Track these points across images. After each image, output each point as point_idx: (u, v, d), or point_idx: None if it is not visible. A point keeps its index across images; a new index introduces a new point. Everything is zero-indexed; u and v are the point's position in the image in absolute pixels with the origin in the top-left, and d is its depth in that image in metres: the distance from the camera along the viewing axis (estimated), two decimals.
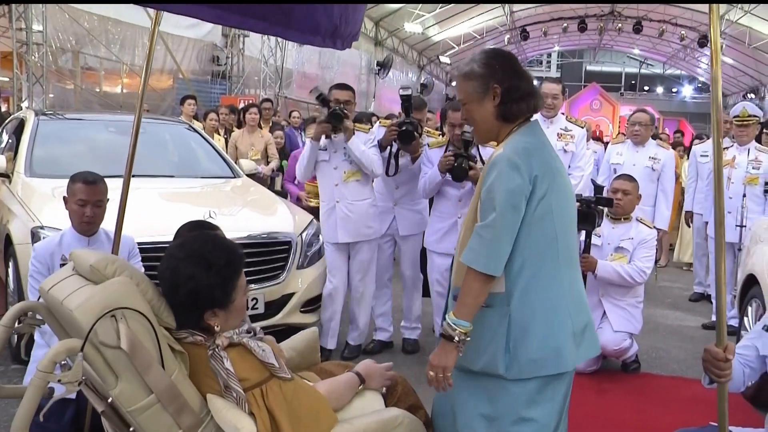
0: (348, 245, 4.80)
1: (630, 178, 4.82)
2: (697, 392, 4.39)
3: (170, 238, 4.18)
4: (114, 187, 4.93)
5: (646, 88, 35.51)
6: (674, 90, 35.38)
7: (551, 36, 26.08)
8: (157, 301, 1.99)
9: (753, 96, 25.35)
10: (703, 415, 4.26)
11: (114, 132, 6.04)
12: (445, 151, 4.57)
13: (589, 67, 35.84)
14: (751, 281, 4.66)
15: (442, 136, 5.11)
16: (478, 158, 4.51)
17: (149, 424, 1.85)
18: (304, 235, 4.84)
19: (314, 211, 5.54)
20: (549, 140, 2.42)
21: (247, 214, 5.14)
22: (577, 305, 2.32)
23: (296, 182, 6.57)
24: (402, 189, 4.99)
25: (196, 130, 6.75)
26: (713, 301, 6.28)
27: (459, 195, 4.56)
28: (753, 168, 5.82)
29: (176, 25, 11.73)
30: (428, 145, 4.77)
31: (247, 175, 6.08)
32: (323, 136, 4.62)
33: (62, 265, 2.98)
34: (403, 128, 4.64)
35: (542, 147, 2.29)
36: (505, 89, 2.28)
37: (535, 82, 2.54)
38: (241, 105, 10.88)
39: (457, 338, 2.18)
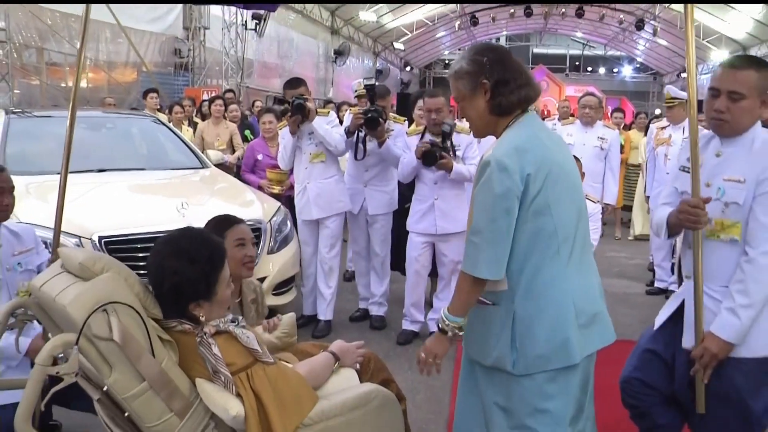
0: (317, 221, 5.07)
1: (575, 159, 4.95)
2: None
3: (145, 230, 4.24)
4: (85, 181, 4.94)
5: (590, 68, 35.90)
6: (615, 70, 35.86)
7: (499, 21, 26.19)
8: (144, 295, 2.02)
9: (686, 75, 25.82)
10: None
11: (84, 128, 5.93)
12: (422, 136, 4.72)
13: (536, 50, 36.06)
14: None
15: (407, 122, 5.26)
16: (452, 149, 4.63)
17: (143, 409, 1.89)
18: (272, 221, 4.87)
19: (277, 199, 5.61)
20: (548, 131, 2.32)
21: (217, 203, 5.13)
22: (584, 296, 2.23)
23: (252, 171, 6.57)
24: (371, 171, 5.14)
25: (163, 123, 6.68)
26: (655, 267, 6.51)
27: (435, 178, 4.70)
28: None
29: (139, 19, 11.54)
30: (407, 133, 4.93)
31: (215, 165, 6.07)
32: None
33: None
34: (369, 115, 4.78)
35: (537, 140, 2.17)
36: (494, 83, 2.18)
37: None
38: (205, 96, 10.79)
39: (450, 333, 2.19)
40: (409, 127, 5.15)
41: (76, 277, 1.98)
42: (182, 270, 2.03)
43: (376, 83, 5.08)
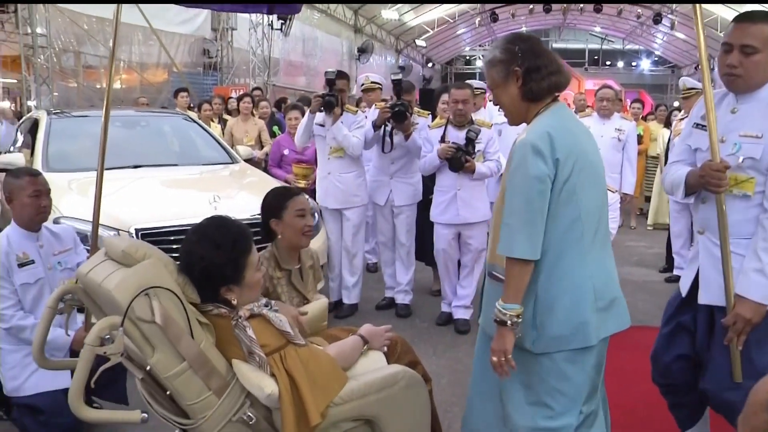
0: (339, 211, 5.16)
1: None
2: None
3: (179, 222, 4.32)
4: (121, 177, 5.04)
5: (608, 62, 35.56)
6: (633, 64, 35.45)
7: (519, 17, 26.03)
8: (182, 280, 2.08)
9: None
10: None
11: (119, 126, 6.05)
12: (445, 130, 4.75)
13: (555, 45, 35.73)
14: None
15: (431, 116, 5.30)
16: (474, 151, 4.66)
17: (183, 388, 1.95)
18: None
19: (304, 192, 5.68)
20: (576, 120, 2.35)
21: (247, 196, 5.20)
22: (604, 281, 2.25)
23: (279, 166, 6.65)
24: (397, 164, 5.18)
25: (194, 120, 6.77)
26: (674, 255, 6.47)
27: None
28: None
29: (169, 21, 11.70)
30: (429, 126, 4.95)
31: (244, 160, 6.15)
32: (320, 111, 4.96)
33: (21, 264, 2.88)
34: (396, 109, 4.84)
35: (565, 129, 2.19)
36: (526, 70, 2.21)
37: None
38: (233, 94, 10.89)
39: (509, 321, 2.15)
40: (432, 121, 5.18)
41: (119, 264, 2.05)
42: (208, 255, 2.09)
43: (403, 78, 5.09)
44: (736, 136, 2.40)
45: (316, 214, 5.13)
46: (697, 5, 2.37)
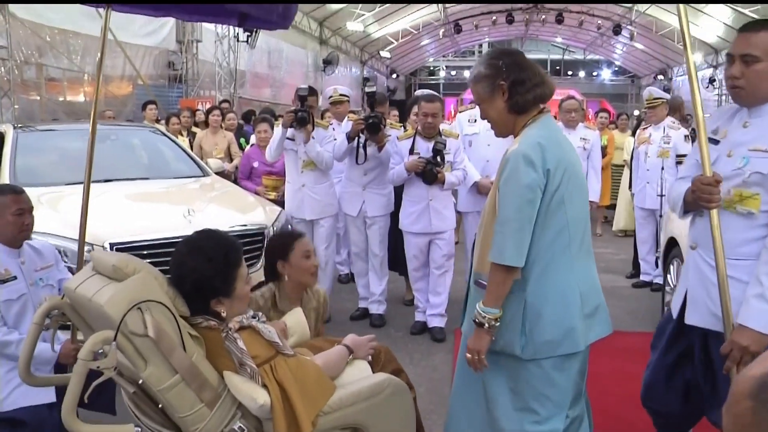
0: (312, 222, 5.32)
1: None
2: (629, 342, 4.71)
3: (154, 236, 4.31)
4: (93, 191, 4.99)
5: (570, 72, 36.22)
6: (594, 74, 36.16)
7: (482, 28, 26.40)
8: (172, 293, 2.11)
9: (662, 77, 26.19)
10: (635, 362, 4.58)
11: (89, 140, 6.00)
12: (413, 140, 4.88)
13: None
14: (673, 243, 4.97)
15: (403, 128, 5.42)
16: (443, 162, 4.82)
17: (176, 400, 1.97)
18: (275, 225, 4.96)
19: (275, 204, 5.73)
20: (561, 132, 2.42)
21: (221, 209, 5.21)
22: (589, 288, 2.34)
23: (249, 178, 6.68)
24: (370, 175, 5.27)
25: (164, 133, 6.75)
26: (640, 261, 6.65)
27: None
28: (665, 143, 6.23)
29: (134, 34, 11.58)
30: (397, 138, 5.04)
31: (215, 173, 6.15)
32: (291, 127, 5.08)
33: (3, 281, 2.84)
34: (370, 121, 4.93)
35: (555, 141, 2.28)
36: (511, 83, 2.27)
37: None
38: (199, 106, 10.85)
39: (487, 324, 2.23)
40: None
41: (109, 279, 2.07)
42: (200, 268, 2.12)
43: (376, 91, 5.23)
44: (745, 150, 2.29)
45: (290, 227, 5.17)
46: (681, 5, 2.32)
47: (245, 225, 4.75)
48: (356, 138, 5.08)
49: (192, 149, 7.82)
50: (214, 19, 3.64)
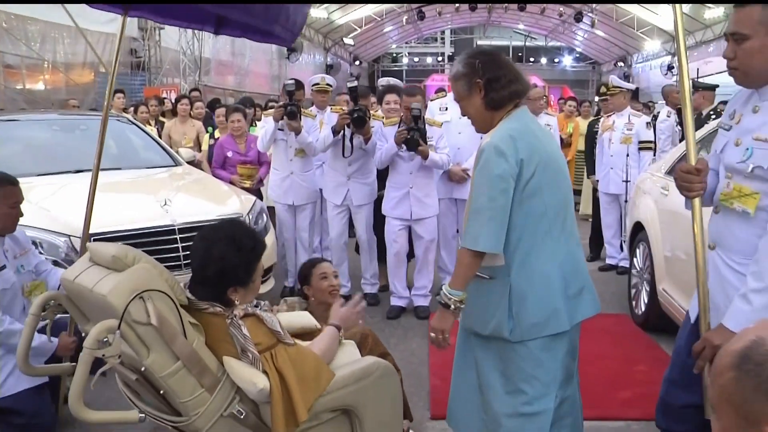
0: (294, 207, 5.63)
1: None
2: (596, 324, 4.87)
3: (132, 227, 4.32)
4: (66, 182, 4.96)
5: (532, 59, 36.57)
6: (556, 60, 36.61)
7: (445, 15, 26.54)
8: (172, 282, 2.17)
9: (622, 64, 26.71)
10: (605, 344, 4.75)
11: (58, 130, 5.94)
12: (399, 128, 5.00)
13: (480, 42, 36.49)
14: (638, 228, 5.15)
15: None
16: (425, 134, 4.96)
17: (178, 386, 2.04)
18: (250, 214, 5.00)
19: (249, 192, 5.81)
20: (537, 122, 2.52)
21: (197, 199, 5.23)
22: (573, 271, 2.43)
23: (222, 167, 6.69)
24: (354, 165, 5.41)
25: (133, 122, 6.68)
26: (605, 244, 6.86)
27: (410, 168, 5.08)
28: (627, 130, 6.45)
29: (95, 20, 11.35)
30: (383, 123, 5.23)
31: (186, 162, 6.14)
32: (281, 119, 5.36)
33: None
34: (355, 115, 5.02)
35: (528, 131, 2.37)
36: (487, 81, 2.37)
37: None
38: (164, 95, 10.76)
39: (452, 306, 2.33)
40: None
41: (108, 269, 2.11)
42: (229, 256, 2.20)
43: (357, 84, 5.41)
44: (750, 139, 2.09)
45: (265, 215, 5.23)
46: (677, 5, 2.34)
47: (221, 214, 4.79)
48: (341, 131, 5.20)
49: (161, 138, 7.77)
50: (188, 25, 3.68)
